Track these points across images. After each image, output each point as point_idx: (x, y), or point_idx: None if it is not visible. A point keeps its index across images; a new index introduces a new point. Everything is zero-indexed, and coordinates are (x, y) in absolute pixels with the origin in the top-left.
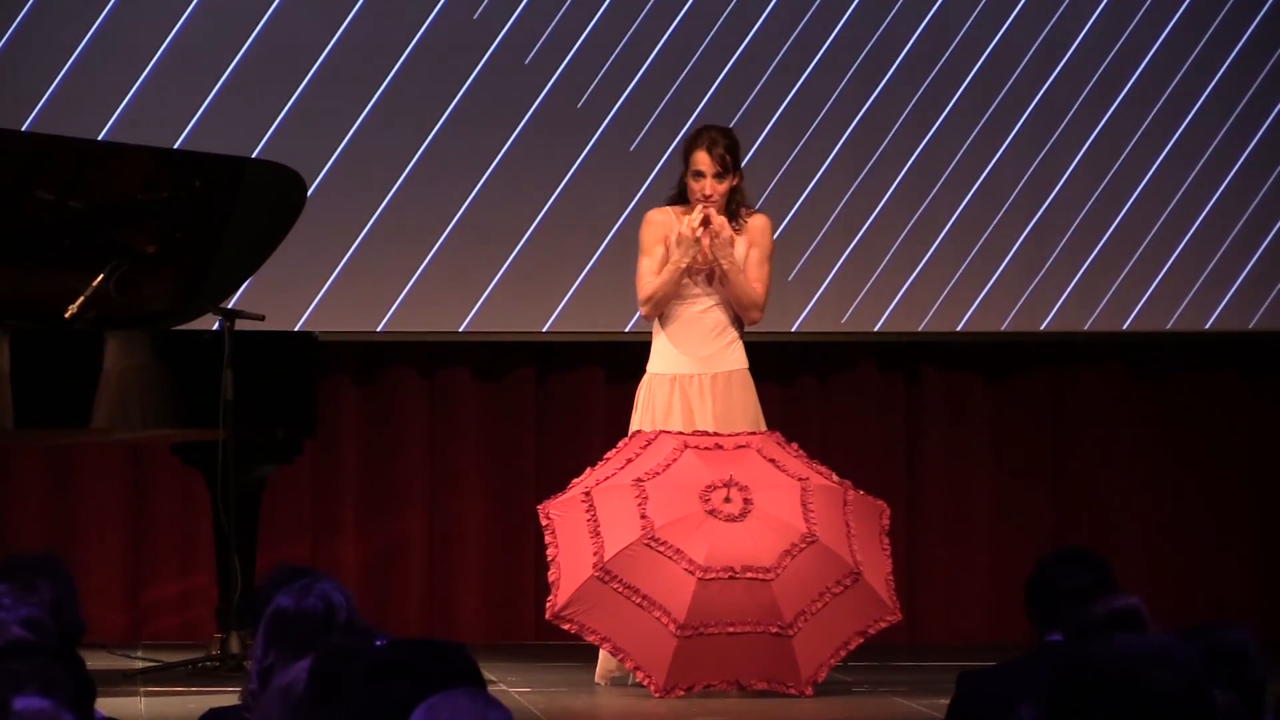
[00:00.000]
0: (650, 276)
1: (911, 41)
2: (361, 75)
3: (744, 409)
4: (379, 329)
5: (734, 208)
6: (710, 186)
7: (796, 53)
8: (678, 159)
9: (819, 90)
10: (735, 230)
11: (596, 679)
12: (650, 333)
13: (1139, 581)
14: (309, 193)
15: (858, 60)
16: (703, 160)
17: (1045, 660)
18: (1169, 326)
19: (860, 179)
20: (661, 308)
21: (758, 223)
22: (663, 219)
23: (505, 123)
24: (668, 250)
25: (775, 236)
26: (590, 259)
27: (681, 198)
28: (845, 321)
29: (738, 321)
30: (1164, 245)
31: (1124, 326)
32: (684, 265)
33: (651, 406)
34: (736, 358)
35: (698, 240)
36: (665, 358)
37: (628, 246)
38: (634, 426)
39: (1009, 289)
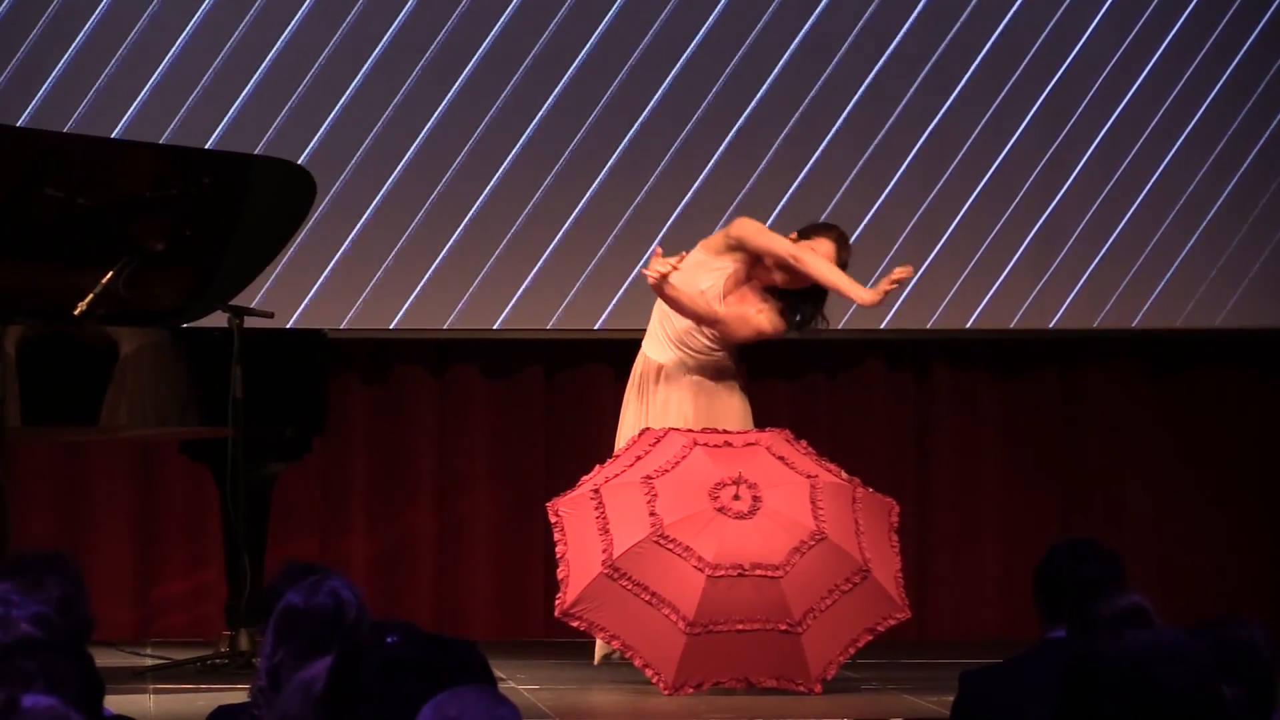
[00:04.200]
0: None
1: (920, 36)
2: (372, 71)
3: (735, 408)
4: (388, 326)
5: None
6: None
7: (803, 51)
8: (687, 155)
9: (825, 86)
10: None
11: (595, 662)
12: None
13: (1149, 578)
14: (318, 190)
15: (864, 54)
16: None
17: (1048, 658)
18: (1179, 323)
19: (867, 175)
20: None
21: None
22: None
23: (516, 120)
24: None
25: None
26: (599, 256)
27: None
28: (853, 318)
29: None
30: (1175, 241)
31: (1134, 323)
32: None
33: (646, 387)
34: (724, 370)
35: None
36: (655, 344)
37: (636, 244)
38: (627, 405)
39: (1018, 285)
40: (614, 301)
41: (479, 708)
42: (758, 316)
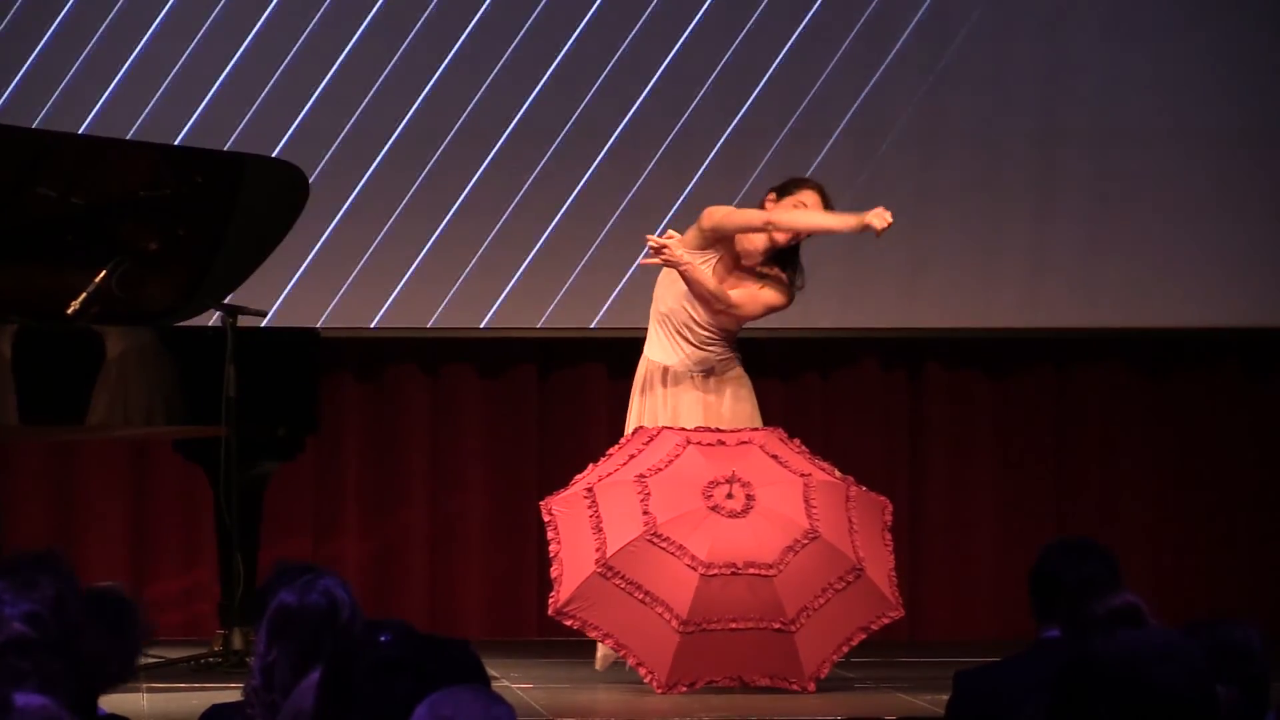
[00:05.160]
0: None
1: (913, 33)
2: (362, 67)
3: (744, 407)
4: (381, 325)
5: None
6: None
7: (795, 47)
8: (678, 152)
9: (816, 83)
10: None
11: (598, 667)
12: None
13: (1143, 577)
14: (311, 188)
15: (856, 49)
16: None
17: (1042, 657)
18: (1174, 321)
19: (860, 175)
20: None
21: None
22: None
23: (508, 117)
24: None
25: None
26: (593, 253)
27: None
28: (848, 317)
29: (730, 342)
30: (1168, 239)
31: (1128, 321)
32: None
33: (652, 391)
34: (731, 363)
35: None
36: (658, 347)
37: (630, 242)
38: (631, 401)
39: (1012, 284)
40: (608, 299)
41: (474, 707)
42: (763, 292)
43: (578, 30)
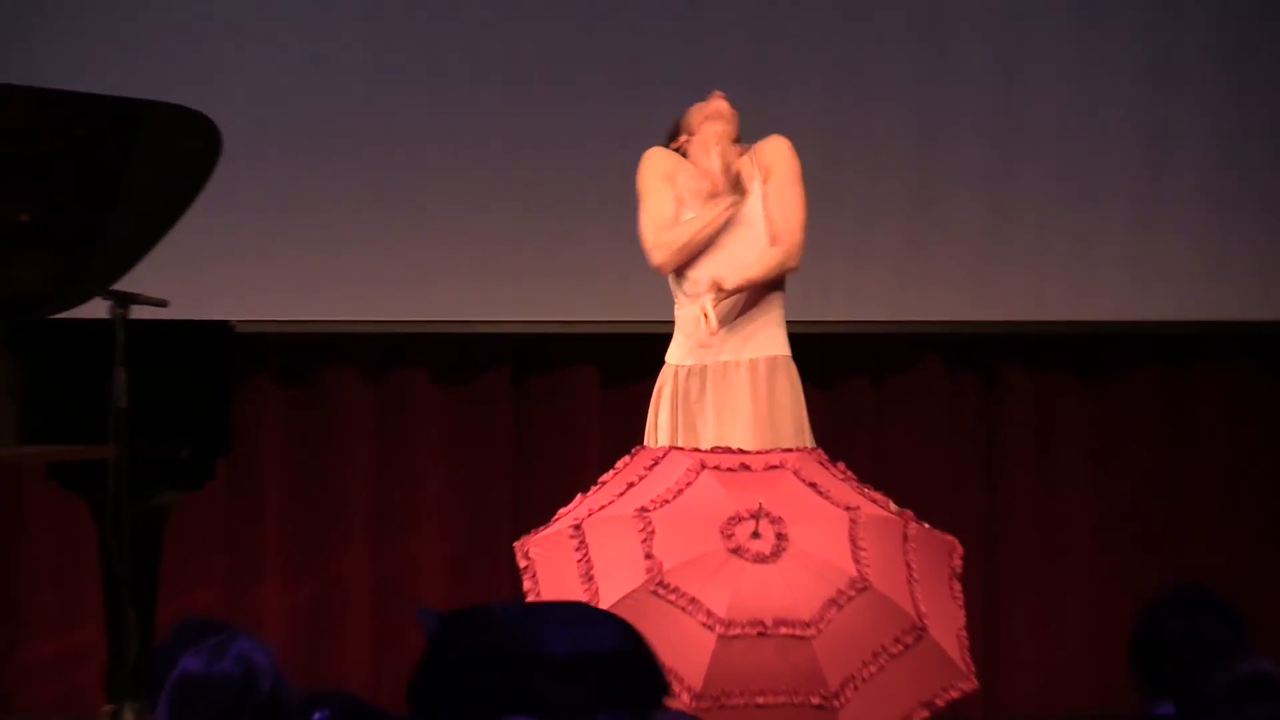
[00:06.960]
0: (665, 218)
1: (992, 21)
2: (303, 31)
3: (789, 404)
4: (312, 318)
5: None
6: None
7: (845, 11)
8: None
9: (874, 44)
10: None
11: None
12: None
13: (1277, 636)
14: (225, 147)
15: (921, 11)
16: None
17: None
18: None
19: (925, 140)
20: (684, 260)
21: (772, 144)
22: (667, 157)
23: (475, 76)
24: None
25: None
26: (579, 232)
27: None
28: (905, 309)
29: (775, 300)
30: None
31: (1255, 314)
32: (724, 217)
33: (684, 397)
34: (777, 342)
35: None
36: (690, 344)
37: (624, 218)
38: (653, 419)
39: (1110, 268)
40: (599, 288)
41: None
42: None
43: (568, 17)
